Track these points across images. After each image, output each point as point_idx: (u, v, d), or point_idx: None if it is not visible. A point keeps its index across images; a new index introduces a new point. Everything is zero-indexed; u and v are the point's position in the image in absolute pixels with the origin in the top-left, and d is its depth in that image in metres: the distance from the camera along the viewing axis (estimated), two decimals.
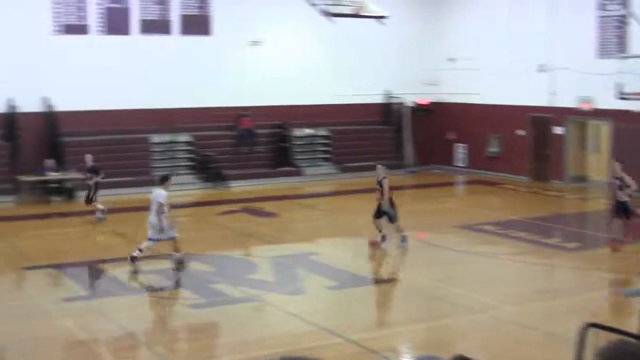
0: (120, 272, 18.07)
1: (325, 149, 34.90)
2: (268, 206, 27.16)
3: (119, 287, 17.13)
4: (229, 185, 31.34)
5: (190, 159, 32.29)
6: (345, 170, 34.06)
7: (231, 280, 17.39)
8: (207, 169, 31.56)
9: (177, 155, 32.24)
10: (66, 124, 29.68)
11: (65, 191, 29.07)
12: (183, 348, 13.89)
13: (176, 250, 18.05)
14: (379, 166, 20.72)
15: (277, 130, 33.68)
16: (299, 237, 22.96)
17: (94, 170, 24.87)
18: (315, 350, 12.56)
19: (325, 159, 34.73)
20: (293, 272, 18.43)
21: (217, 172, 31.43)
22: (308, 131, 34.39)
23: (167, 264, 18.33)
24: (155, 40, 31.64)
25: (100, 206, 24.48)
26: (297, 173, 33.41)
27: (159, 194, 18.06)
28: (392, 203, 20.15)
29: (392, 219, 20.12)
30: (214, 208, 27.21)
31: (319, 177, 33.26)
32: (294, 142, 34.10)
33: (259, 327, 14.43)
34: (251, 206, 27.42)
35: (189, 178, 31.33)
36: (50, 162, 28.84)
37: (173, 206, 19.63)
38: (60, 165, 29.13)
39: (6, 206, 27.03)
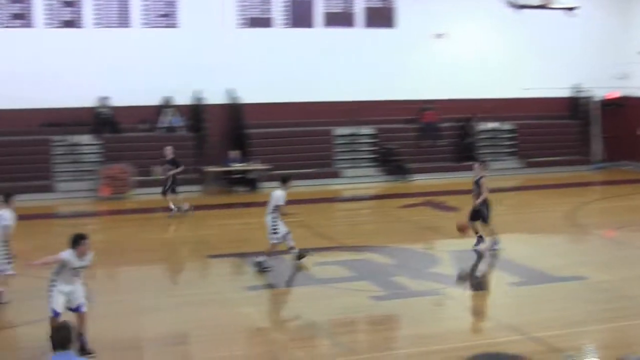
0: (304, 262, 18.10)
1: (510, 143, 34.13)
2: (450, 200, 26.70)
3: (301, 277, 17.24)
4: (411, 178, 31.10)
5: (372, 152, 32.26)
6: (531, 165, 33.24)
7: (412, 274, 17.19)
8: (390, 162, 31.44)
9: (360, 148, 32.31)
10: (250, 115, 30.27)
11: (248, 182, 29.61)
12: (363, 339, 13.74)
13: (268, 252, 17.73)
14: (476, 165, 19.87)
15: (461, 123, 33.14)
16: (483, 232, 22.43)
17: (173, 163, 24.82)
18: (496, 346, 12.31)
19: (510, 154, 33.99)
20: (476, 266, 18.11)
21: (399, 165, 31.26)
22: (492, 125, 33.73)
23: (349, 256, 18.29)
24: (339, 32, 31.77)
25: (171, 205, 24.50)
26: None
27: (277, 195, 17.82)
28: (487, 204, 19.19)
29: (485, 220, 19.17)
30: (396, 201, 27.07)
31: (503, 171, 32.50)
32: (477, 136, 33.45)
33: (439, 321, 14.23)
34: (433, 200, 27.05)
35: (371, 171, 31.41)
36: (234, 154, 29.46)
37: (354, 199, 19.56)
38: (244, 157, 29.65)
39: (192, 196, 27.75)
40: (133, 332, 13.67)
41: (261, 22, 31.11)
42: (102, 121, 29.46)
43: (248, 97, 30.22)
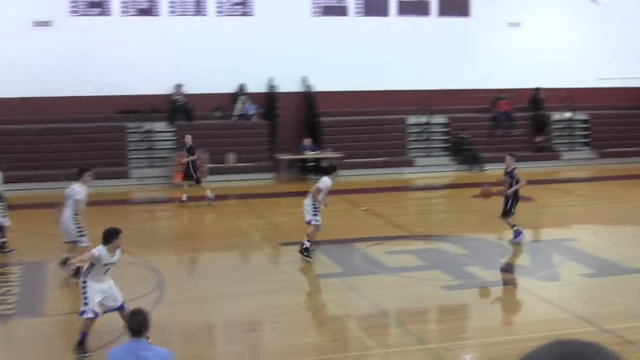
0: (376, 251, 18.26)
1: (584, 133, 33.74)
2: (524, 190, 26.47)
3: (374, 266, 17.24)
4: (484, 167, 30.94)
5: (445, 141, 32.24)
6: (604, 155, 32.79)
7: (484, 264, 17.20)
8: (462, 151, 31.33)
9: (433, 136, 32.28)
10: (324, 103, 30.44)
11: (321, 170, 29.74)
12: (434, 329, 13.85)
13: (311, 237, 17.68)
14: (508, 156, 19.57)
15: (534, 113, 32.87)
16: (555, 223, 22.38)
17: (190, 151, 24.84)
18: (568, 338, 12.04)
19: (584, 144, 33.63)
20: (548, 257, 17.99)
21: (472, 155, 31.13)
22: (567, 115, 33.34)
23: (421, 245, 18.44)
24: (413, 21, 31.75)
25: (183, 197, 24.58)
26: (555, 157, 32.57)
27: (325, 182, 17.80)
28: (516, 195, 18.86)
29: (509, 212, 18.82)
30: (468, 190, 26.90)
31: (576, 162, 32.17)
32: (552, 126, 33.15)
33: (511, 312, 14.36)
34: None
35: (443, 160, 31.39)
36: (307, 141, 29.64)
37: (426, 188, 19.56)
38: (317, 145, 29.84)
39: (265, 183, 28.06)
40: (206, 319, 13.95)
41: (335, 10, 31.25)
42: (176, 108, 29.94)
43: (321, 85, 30.45)
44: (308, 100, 31.01)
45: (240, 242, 19.63)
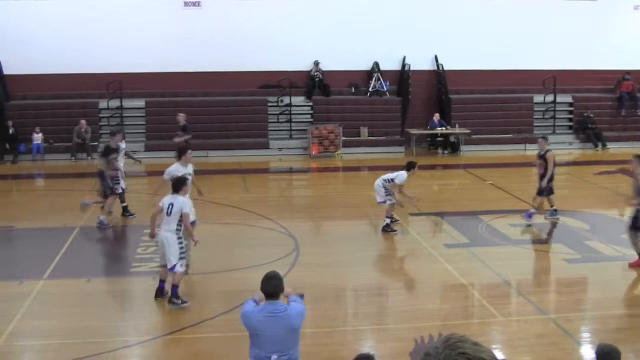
0: (500, 223, 18.93)
1: None
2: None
3: (499, 238, 17.77)
4: (607, 146, 31.33)
5: (570, 120, 32.63)
6: None
7: (606, 239, 17.53)
8: (586, 130, 31.72)
9: (558, 115, 32.63)
10: (453, 82, 31.31)
11: (450, 145, 30.77)
12: (554, 300, 14.31)
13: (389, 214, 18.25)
14: (541, 138, 19.75)
15: None
16: None
17: (184, 130, 25.32)
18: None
19: None
20: None
21: (596, 133, 31.49)
22: None
23: (544, 219, 19.08)
24: (541, 2, 32.15)
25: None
26: None
27: (401, 176, 18.04)
28: (551, 177, 18.98)
29: (544, 192, 19.01)
30: (591, 168, 27.33)
31: None
32: None
33: (630, 287, 14.66)
34: (628, 167, 27.13)
35: (568, 138, 31.77)
36: (436, 117, 30.62)
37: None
38: (446, 121, 30.83)
39: (395, 156, 29.03)
40: (336, 282, 14.84)
41: None
42: (314, 84, 31.43)
43: (451, 63, 31.33)
44: (438, 78, 32.01)
45: (371, 212, 19.94)
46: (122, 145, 20.24)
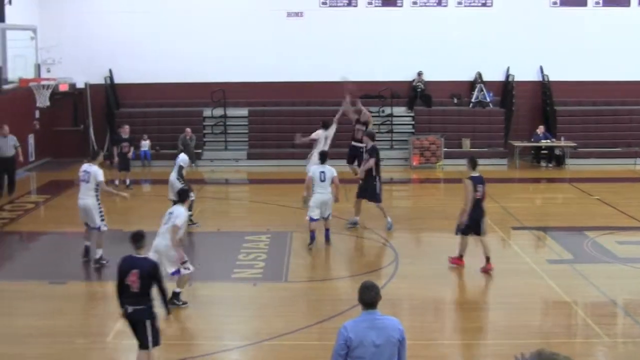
0: (607, 240, 18.42)
1: None
2: None
3: (605, 255, 17.32)
4: None
5: None
6: None
7: None
8: None
9: None
10: (559, 93, 30.80)
11: (555, 158, 30.17)
12: None
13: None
14: None
15: None
16: None
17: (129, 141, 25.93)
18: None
19: None
20: None
21: None
22: None
23: None
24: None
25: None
26: None
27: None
28: None
29: None
30: None
31: None
32: None
33: None
34: None
35: None
36: (541, 129, 30.07)
37: None
38: (551, 133, 30.25)
39: (499, 169, 28.71)
40: (434, 295, 14.71)
41: (574, 1, 31.29)
42: (416, 94, 31.27)
43: (557, 74, 30.82)
44: (544, 89, 31.48)
45: None
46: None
